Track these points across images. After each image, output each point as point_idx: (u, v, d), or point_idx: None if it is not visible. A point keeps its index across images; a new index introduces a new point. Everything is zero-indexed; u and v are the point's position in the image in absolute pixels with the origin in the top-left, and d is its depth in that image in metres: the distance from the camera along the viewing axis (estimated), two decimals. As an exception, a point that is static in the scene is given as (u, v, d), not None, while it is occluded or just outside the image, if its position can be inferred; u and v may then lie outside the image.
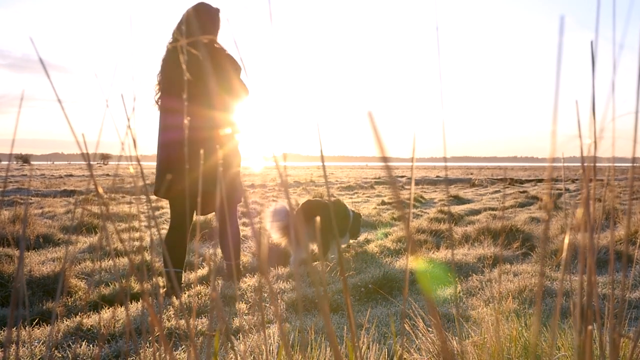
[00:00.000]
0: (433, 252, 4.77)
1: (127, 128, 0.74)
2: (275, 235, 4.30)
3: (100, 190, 0.74)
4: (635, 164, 0.69)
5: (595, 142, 0.67)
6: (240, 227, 6.53)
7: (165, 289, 3.44)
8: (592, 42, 0.66)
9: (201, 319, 2.89)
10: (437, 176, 30.83)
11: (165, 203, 10.28)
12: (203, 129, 3.35)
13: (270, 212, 4.30)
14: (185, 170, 3.46)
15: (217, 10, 3.59)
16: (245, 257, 4.61)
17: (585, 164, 0.68)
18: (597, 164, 0.75)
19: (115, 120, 0.78)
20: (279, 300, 3.19)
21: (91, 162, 0.75)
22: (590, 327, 0.63)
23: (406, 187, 19.22)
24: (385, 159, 0.44)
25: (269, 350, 1.92)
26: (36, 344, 2.36)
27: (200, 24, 3.51)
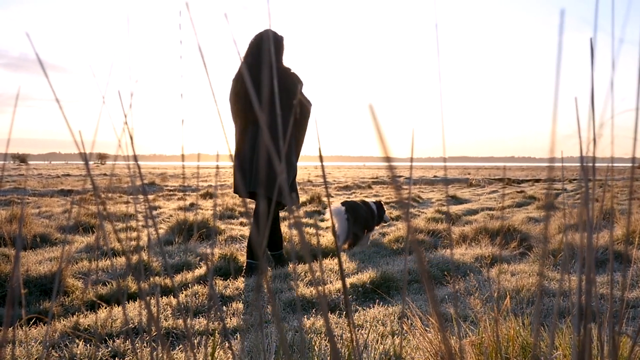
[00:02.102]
0: (431, 252, 4.77)
1: (123, 124, 0.74)
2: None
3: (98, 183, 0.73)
4: (635, 164, 0.69)
5: (594, 139, 0.67)
6: (238, 226, 6.52)
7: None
8: (591, 39, 0.66)
9: (198, 318, 2.89)
10: (435, 176, 30.83)
11: (162, 203, 10.28)
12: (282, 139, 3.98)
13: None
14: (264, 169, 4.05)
15: (282, 38, 4.26)
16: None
17: (584, 164, 0.68)
18: (596, 164, 0.75)
19: (112, 118, 0.77)
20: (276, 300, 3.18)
21: (88, 161, 0.74)
22: (589, 325, 0.63)
23: (404, 187, 19.22)
24: (386, 153, 0.44)
25: (267, 349, 1.92)
26: (33, 343, 2.35)
27: (267, 47, 4.20)
